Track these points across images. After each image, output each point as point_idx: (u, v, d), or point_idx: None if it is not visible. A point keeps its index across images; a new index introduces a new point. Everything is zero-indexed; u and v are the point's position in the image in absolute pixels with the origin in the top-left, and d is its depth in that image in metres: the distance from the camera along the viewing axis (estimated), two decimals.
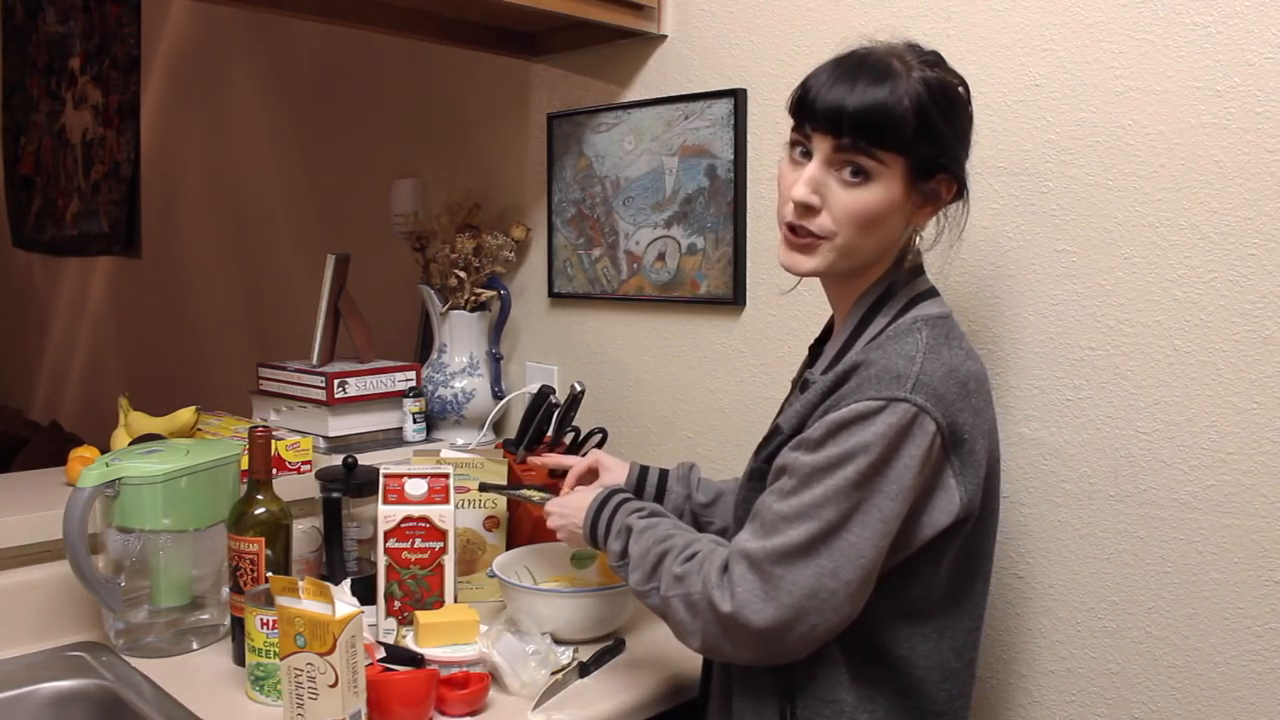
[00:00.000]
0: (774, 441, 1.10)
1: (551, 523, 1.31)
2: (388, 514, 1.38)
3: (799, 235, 1.07)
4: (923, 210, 1.09)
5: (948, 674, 1.08)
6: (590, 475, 1.45)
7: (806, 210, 1.05)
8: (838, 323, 1.17)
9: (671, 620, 1.07)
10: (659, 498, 1.42)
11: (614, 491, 1.24)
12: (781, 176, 1.09)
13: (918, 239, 1.15)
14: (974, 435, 1.03)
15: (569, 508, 1.28)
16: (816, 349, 1.23)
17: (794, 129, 1.08)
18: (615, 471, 1.43)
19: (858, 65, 1.04)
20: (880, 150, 1.02)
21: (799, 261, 1.08)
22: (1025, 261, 1.29)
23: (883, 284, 1.11)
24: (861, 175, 1.03)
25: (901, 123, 1.01)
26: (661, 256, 1.70)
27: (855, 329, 1.11)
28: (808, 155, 1.06)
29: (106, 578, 1.31)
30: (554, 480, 1.52)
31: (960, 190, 1.10)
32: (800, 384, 1.18)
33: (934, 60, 1.07)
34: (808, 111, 1.05)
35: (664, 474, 1.44)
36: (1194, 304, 1.16)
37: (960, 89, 1.08)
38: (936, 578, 1.06)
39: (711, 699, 1.18)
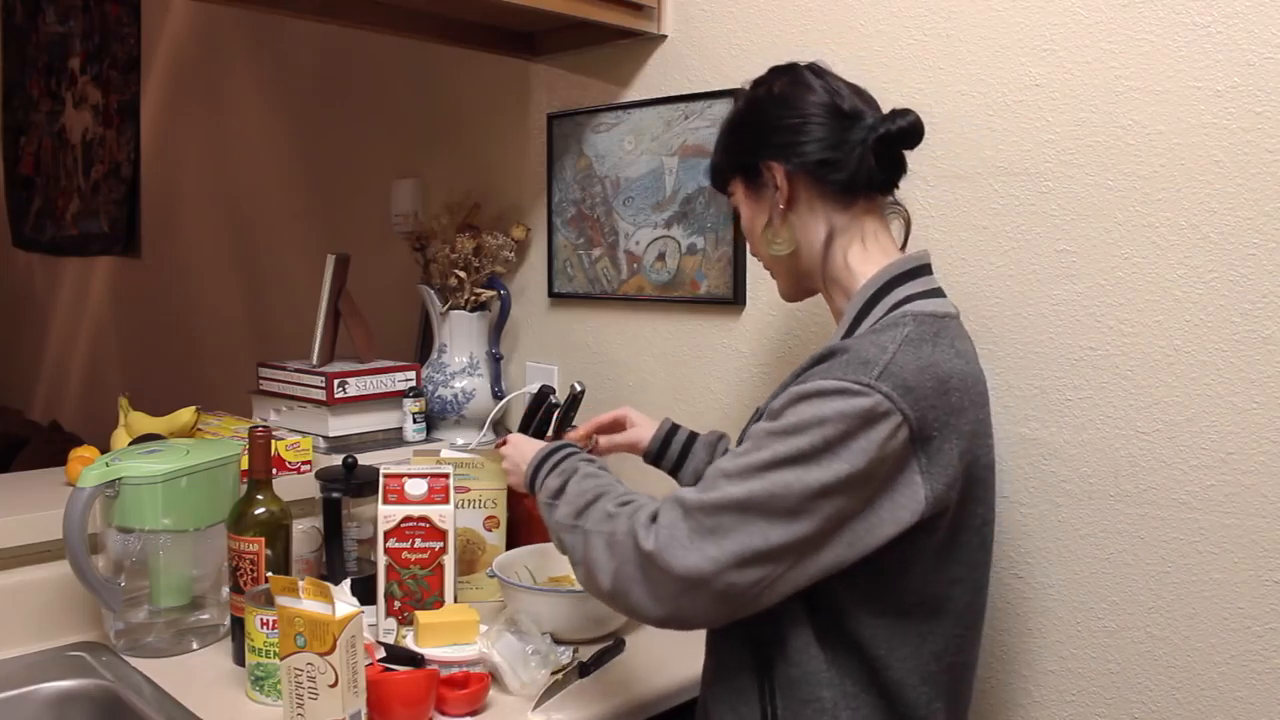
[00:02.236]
0: (751, 421, 1.12)
1: (504, 464, 1.32)
2: (388, 514, 1.38)
3: None
4: (775, 199, 1.15)
5: (926, 677, 1.07)
6: (615, 426, 1.47)
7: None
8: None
9: (586, 557, 1.04)
10: (682, 458, 1.44)
11: (575, 449, 1.22)
12: None
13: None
14: (944, 433, 1.00)
15: (522, 449, 1.27)
16: None
17: None
18: (643, 427, 1.46)
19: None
20: (727, 186, 1.22)
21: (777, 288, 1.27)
22: (1025, 261, 1.29)
23: (870, 286, 1.11)
24: (735, 211, 1.24)
25: (717, 164, 1.24)
26: (661, 256, 1.70)
27: (850, 326, 1.10)
28: None
29: (106, 578, 1.31)
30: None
31: (803, 166, 1.12)
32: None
33: (745, 89, 1.23)
34: None
35: (691, 437, 1.45)
36: (1194, 304, 1.16)
37: (768, 88, 1.18)
38: (909, 578, 1.04)
39: (699, 701, 1.18)
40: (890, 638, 1.05)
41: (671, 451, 1.44)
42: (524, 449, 1.27)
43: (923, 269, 1.13)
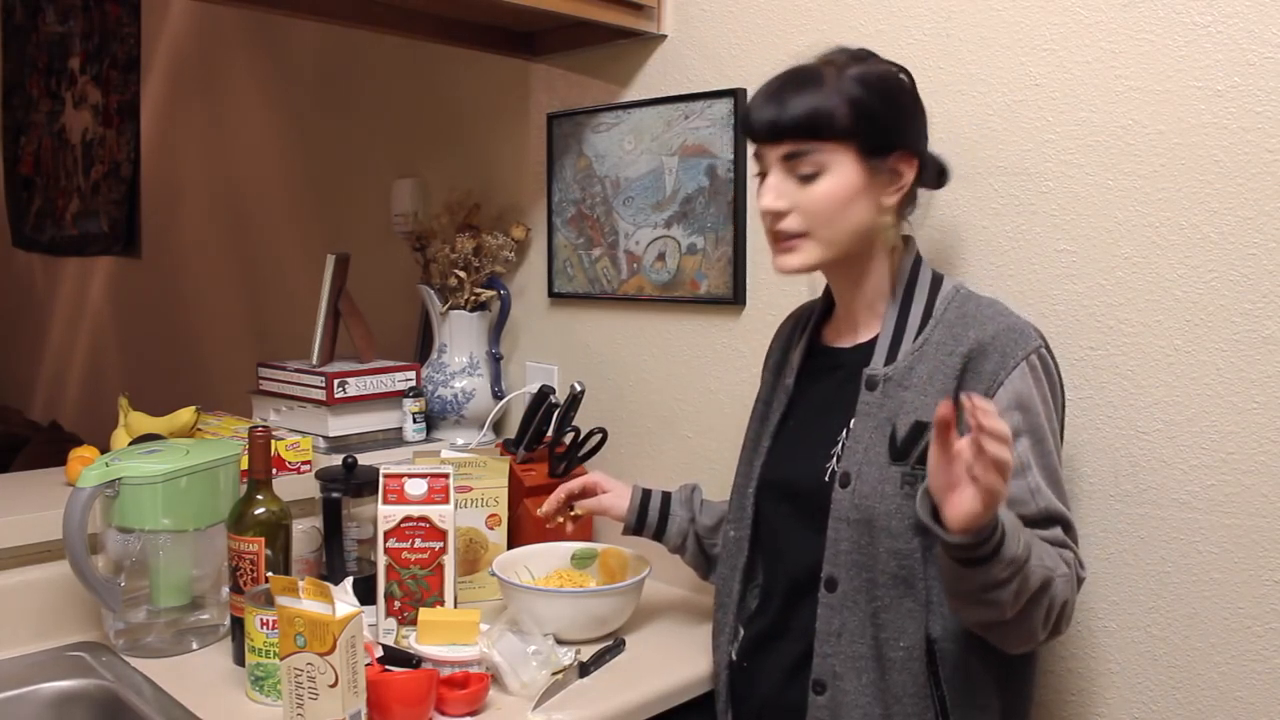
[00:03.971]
0: (925, 439, 1.08)
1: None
2: (388, 514, 1.38)
3: (780, 240, 1.17)
4: (889, 191, 1.16)
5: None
6: (586, 491, 1.46)
7: (778, 215, 1.15)
8: (860, 313, 1.23)
9: (1067, 606, 1.07)
10: (662, 521, 1.43)
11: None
12: (757, 198, 1.19)
13: (907, 223, 1.22)
14: None
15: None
16: (814, 334, 1.29)
17: (753, 153, 1.18)
18: (615, 494, 1.44)
19: (786, 79, 1.15)
20: (821, 143, 1.12)
21: (786, 261, 1.17)
22: (1025, 261, 1.29)
23: (905, 270, 1.20)
24: (813, 172, 1.13)
25: (833, 114, 1.11)
26: (661, 256, 1.70)
27: (899, 315, 1.17)
28: (767, 174, 1.17)
29: (106, 578, 1.31)
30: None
31: (923, 167, 1.18)
32: (867, 382, 1.16)
33: (864, 55, 1.17)
34: (752, 130, 1.16)
35: (666, 497, 1.45)
36: (1194, 304, 1.16)
37: (900, 75, 1.18)
38: None
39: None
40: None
41: (650, 519, 1.43)
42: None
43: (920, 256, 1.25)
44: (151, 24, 3.45)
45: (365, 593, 1.33)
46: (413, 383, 1.88)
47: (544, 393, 1.68)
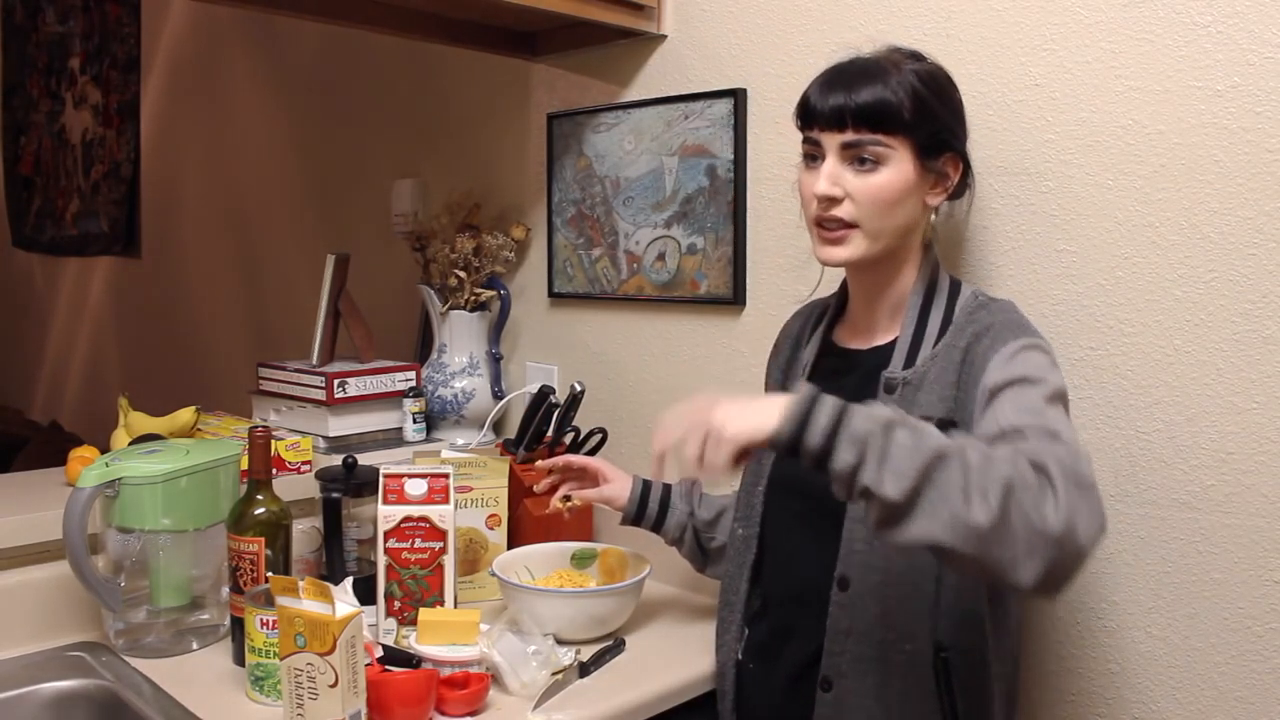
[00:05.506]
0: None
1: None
2: (387, 514, 1.38)
3: (828, 228, 1.15)
4: (935, 191, 1.17)
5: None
6: (587, 474, 1.46)
7: (831, 202, 1.13)
8: (881, 316, 1.22)
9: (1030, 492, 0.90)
10: (662, 513, 1.43)
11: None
12: (801, 185, 1.18)
13: (931, 229, 1.22)
14: None
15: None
16: (826, 334, 1.29)
17: (804, 140, 1.17)
18: (617, 483, 1.45)
19: (853, 68, 1.15)
20: (885, 135, 1.11)
21: (833, 253, 1.16)
22: (1025, 261, 1.29)
23: (925, 276, 1.19)
24: (872, 162, 1.12)
25: (900, 108, 1.11)
26: (661, 256, 1.70)
27: (918, 320, 1.17)
28: (819, 159, 1.15)
29: (106, 578, 1.31)
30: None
31: (966, 170, 1.20)
32: (885, 385, 1.15)
33: (919, 55, 1.18)
34: (814, 115, 1.14)
35: (667, 489, 1.45)
36: (1194, 304, 1.16)
37: (948, 76, 1.19)
38: None
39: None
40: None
41: (650, 511, 1.43)
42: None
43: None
44: (151, 24, 3.45)
45: (365, 593, 1.33)
46: (413, 383, 1.88)
47: (544, 393, 1.68)
